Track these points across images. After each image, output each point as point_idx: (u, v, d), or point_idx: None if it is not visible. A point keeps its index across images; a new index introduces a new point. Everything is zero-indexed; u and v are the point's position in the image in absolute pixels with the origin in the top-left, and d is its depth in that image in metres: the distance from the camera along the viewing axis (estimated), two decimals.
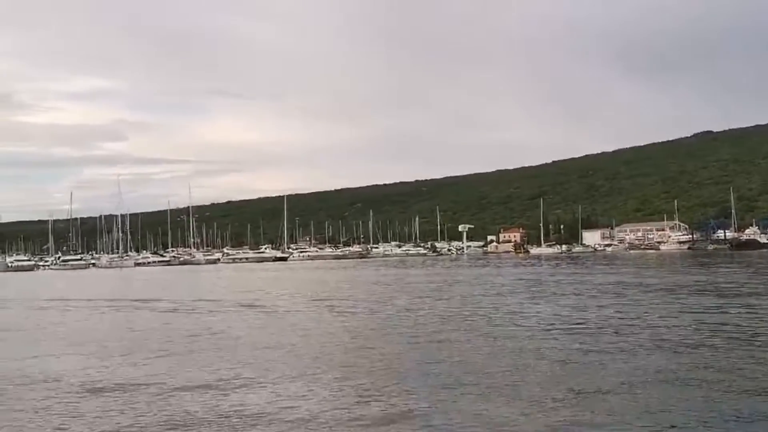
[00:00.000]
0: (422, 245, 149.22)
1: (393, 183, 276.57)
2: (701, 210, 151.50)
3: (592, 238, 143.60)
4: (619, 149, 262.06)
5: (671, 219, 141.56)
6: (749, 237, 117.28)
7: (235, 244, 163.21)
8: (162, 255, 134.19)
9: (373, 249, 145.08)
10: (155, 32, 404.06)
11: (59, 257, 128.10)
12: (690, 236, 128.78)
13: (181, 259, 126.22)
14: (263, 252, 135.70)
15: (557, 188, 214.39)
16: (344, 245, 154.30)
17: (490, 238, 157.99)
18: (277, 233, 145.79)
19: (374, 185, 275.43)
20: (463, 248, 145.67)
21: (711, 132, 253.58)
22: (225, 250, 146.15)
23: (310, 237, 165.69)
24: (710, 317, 18.23)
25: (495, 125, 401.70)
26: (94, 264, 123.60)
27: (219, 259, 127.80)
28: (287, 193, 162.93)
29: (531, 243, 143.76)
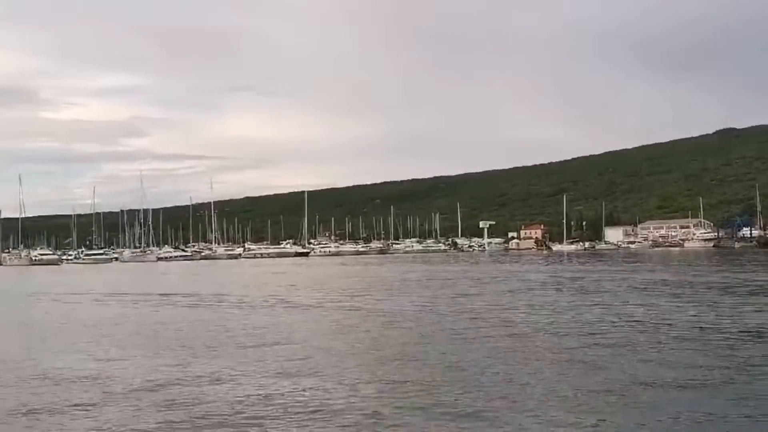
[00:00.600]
0: (443, 241, 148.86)
1: (411, 179, 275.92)
2: (725, 207, 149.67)
3: (615, 235, 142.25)
4: (640, 146, 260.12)
5: (695, 216, 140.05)
6: None
7: (255, 240, 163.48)
8: (184, 250, 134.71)
9: (394, 245, 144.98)
10: (177, 30, 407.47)
11: (82, 251, 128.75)
12: (715, 234, 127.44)
13: (203, 254, 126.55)
14: (284, 247, 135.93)
15: (577, 185, 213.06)
16: (364, 241, 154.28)
17: (511, 235, 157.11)
18: (296, 229, 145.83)
19: (392, 182, 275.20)
20: (484, 244, 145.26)
21: (734, 129, 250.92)
22: (246, 246, 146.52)
23: (330, 233, 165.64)
24: None
25: (513, 122, 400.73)
26: (117, 258, 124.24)
27: (240, 255, 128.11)
28: (306, 189, 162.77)
29: (552, 240, 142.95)
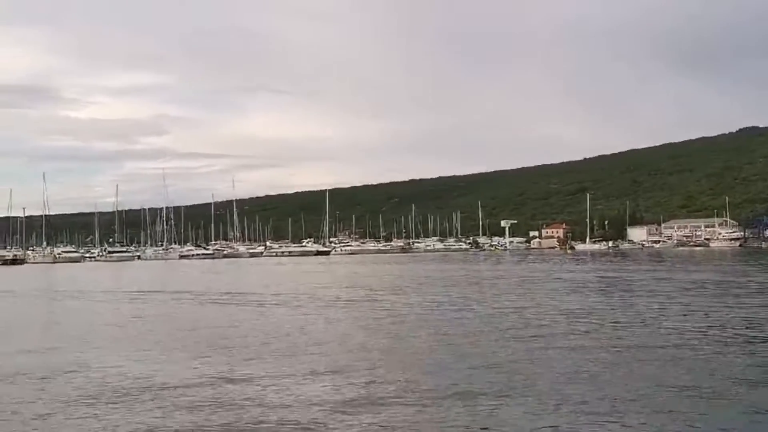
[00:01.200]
0: (464, 240, 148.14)
1: (430, 178, 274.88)
2: (749, 207, 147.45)
3: (639, 235, 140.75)
4: (661, 144, 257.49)
5: (719, 215, 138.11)
6: None
7: (276, 238, 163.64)
8: (205, 248, 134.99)
9: (415, 244, 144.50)
10: (198, 29, 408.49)
11: (105, 249, 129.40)
12: (740, 233, 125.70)
13: (225, 252, 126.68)
14: (305, 246, 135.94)
15: (598, 184, 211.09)
16: (384, 240, 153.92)
17: (533, 234, 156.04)
18: (316, 227, 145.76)
19: (411, 180, 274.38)
20: (506, 243, 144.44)
21: (756, 128, 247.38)
22: (268, 244, 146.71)
23: (350, 231, 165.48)
24: None
25: (531, 121, 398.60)
26: (139, 256, 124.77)
27: (262, 253, 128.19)
28: (325, 188, 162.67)
29: (574, 239, 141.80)
